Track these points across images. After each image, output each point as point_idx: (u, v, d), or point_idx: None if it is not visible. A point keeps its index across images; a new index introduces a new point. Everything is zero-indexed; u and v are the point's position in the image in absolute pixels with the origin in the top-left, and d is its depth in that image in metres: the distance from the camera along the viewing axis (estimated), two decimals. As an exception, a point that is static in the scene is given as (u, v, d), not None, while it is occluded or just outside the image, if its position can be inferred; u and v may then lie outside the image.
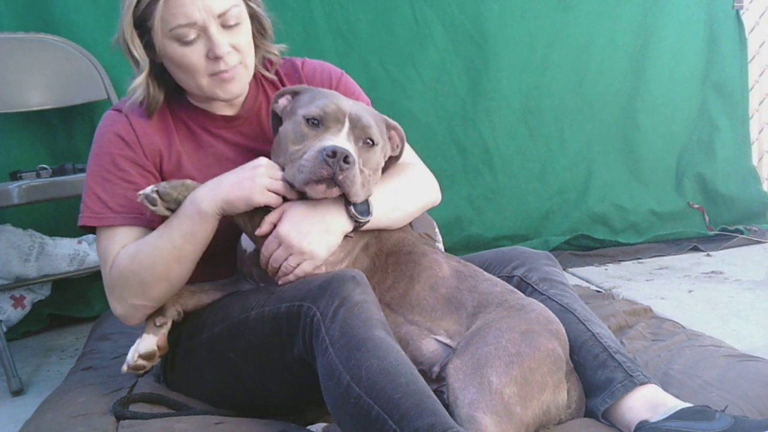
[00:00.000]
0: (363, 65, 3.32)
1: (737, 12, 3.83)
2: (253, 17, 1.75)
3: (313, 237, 1.57)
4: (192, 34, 1.62)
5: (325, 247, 1.58)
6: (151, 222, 1.70)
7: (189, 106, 1.81)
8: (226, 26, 1.65)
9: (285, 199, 1.60)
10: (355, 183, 1.54)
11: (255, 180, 1.56)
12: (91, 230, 1.74)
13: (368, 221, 1.62)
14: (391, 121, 1.76)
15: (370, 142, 1.63)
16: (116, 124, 1.74)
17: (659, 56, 3.72)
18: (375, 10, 3.32)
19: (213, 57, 1.65)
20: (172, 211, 1.60)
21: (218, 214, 1.58)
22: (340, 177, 1.51)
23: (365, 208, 1.62)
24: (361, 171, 1.59)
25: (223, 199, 1.56)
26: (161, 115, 1.78)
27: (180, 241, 1.59)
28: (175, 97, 1.80)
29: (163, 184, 1.58)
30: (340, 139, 1.56)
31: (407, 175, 1.81)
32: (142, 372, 1.69)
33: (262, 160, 1.60)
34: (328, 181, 1.52)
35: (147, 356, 1.66)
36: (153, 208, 1.57)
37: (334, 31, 3.28)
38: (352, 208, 1.60)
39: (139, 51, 1.67)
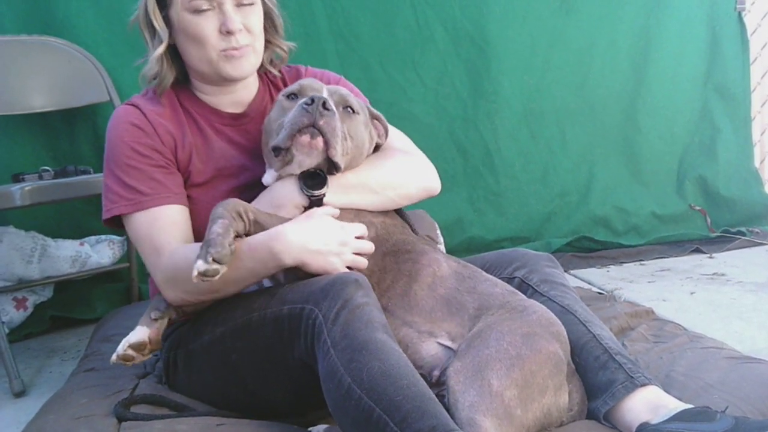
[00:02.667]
0: (364, 67, 3.32)
1: (739, 14, 3.83)
2: (267, 13, 1.83)
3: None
4: (206, 5, 1.70)
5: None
6: (184, 198, 1.75)
7: (197, 100, 1.85)
8: (240, 5, 1.74)
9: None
10: (336, 134, 1.60)
11: (341, 255, 1.59)
12: (118, 222, 1.75)
13: (322, 194, 1.66)
14: (374, 111, 1.82)
15: (351, 110, 1.70)
16: (130, 115, 1.77)
17: (661, 58, 3.72)
18: (376, 12, 3.33)
19: (225, 31, 1.72)
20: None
21: (295, 267, 1.59)
22: (321, 122, 1.58)
23: (319, 182, 1.67)
24: (345, 138, 1.65)
25: (305, 261, 1.57)
26: (172, 107, 1.82)
27: (245, 275, 1.60)
28: (183, 91, 1.85)
29: (212, 250, 1.48)
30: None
31: (393, 160, 1.83)
32: (130, 363, 1.66)
33: (350, 234, 1.62)
34: (311, 130, 1.58)
35: (136, 347, 1.65)
36: (215, 278, 1.50)
37: (335, 33, 3.28)
38: (304, 183, 1.66)
39: (159, 23, 1.74)
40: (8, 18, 2.90)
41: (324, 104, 1.59)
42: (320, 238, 1.58)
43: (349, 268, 1.61)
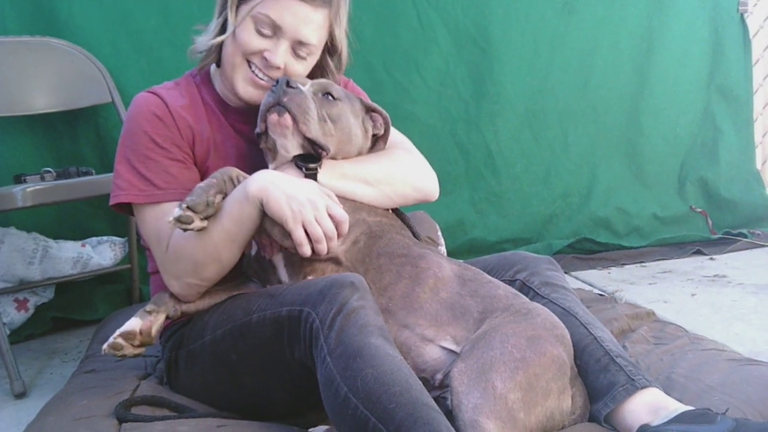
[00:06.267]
0: (367, 69, 3.32)
1: (741, 15, 3.83)
2: (323, 68, 1.87)
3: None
4: (268, 30, 1.73)
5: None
6: None
7: (219, 99, 1.86)
8: (295, 51, 1.76)
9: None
10: (305, 111, 1.64)
11: (302, 209, 1.56)
12: (127, 209, 1.76)
13: (316, 167, 1.68)
14: (373, 104, 1.85)
15: (331, 96, 1.72)
16: (151, 105, 1.77)
17: (663, 60, 3.73)
18: (379, 13, 3.33)
19: (264, 57, 1.74)
20: (208, 218, 1.59)
21: (258, 202, 1.58)
22: (285, 99, 1.64)
23: (313, 161, 1.69)
24: (325, 120, 1.69)
25: (268, 197, 1.56)
26: (194, 101, 1.83)
27: (228, 224, 1.60)
28: (207, 88, 1.87)
29: (188, 198, 1.57)
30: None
31: (392, 157, 1.84)
32: (120, 354, 1.65)
33: (324, 201, 1.59)
34: (277, 108, 1.64)
35: (126, 336, 1.64)
36: (191, 226, 1.55)
37: (338, 35, 3.28)
38: (299, 159, 1.69)
39: (233, 14, 1.76)
40: (11, 19, 2.90)
41: (288, 83, 1.64)
42: (291, 185, 1.58)
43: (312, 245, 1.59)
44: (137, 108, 1.77)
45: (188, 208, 1.54)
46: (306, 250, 1.57)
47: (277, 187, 1.57)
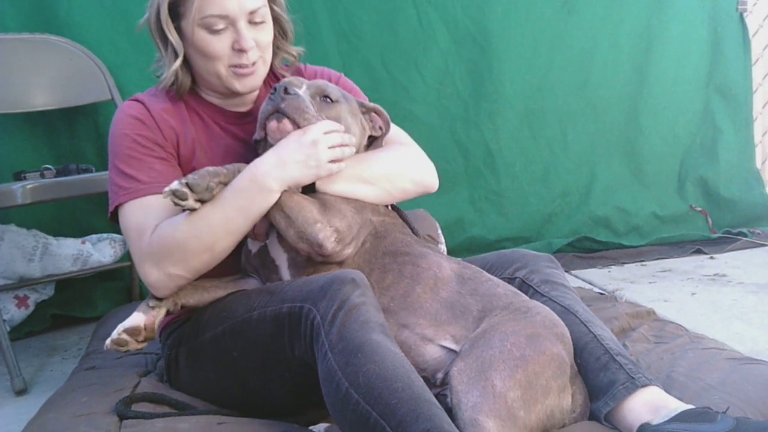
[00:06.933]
0: (366, 67, 3.33)
1: (741, 14, 3.83)
2: (276, 20, 1.85)
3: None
4: (221, 25, 1.73)
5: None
6: None
7: (202, 100, 1.87)
8: (252, 23, 1.76)
9: None
10: (303, 115, 1.65)
11: (319, 158, 1.62)
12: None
13: None
14: (372, 105, 1.85)
15: (329, 99, 1.73)
16: (132, 109, 1.79)
17: (663, 59, 3.73)
18: (378, 11, 3.33)
19: (237, 49, 1.75)
20: (203, 202, 1.59)
21: (277, 191, 1.61)
22: (283, 105, 1.65)
23: None
24: None
25: (293, 178, 1.61)
26: (176, 105, 1.83)
27: (233, 214, 1.61)
28: (189, 91, 1.86)
29: (190, 176, 1.58)
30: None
31: (389, 152, 1.85)
32: (124, 349, 1.65)
33: (315, 132, 1.64)
34: (276, 115, 1.66)
35: (131, 331, 1.64)
36: (183, 203, 1.57)
37: (337, 33, 3.28)
38: None
39: (174, 36, 1.76)
40: (11, 16, 2.91)
41: (285, 89, 1.65)
42: (289, 148, 1.62)
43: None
44: (119, 115, 1.80)
45: (187, 185, 1.56)
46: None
47: (284, 163, 1.61)
